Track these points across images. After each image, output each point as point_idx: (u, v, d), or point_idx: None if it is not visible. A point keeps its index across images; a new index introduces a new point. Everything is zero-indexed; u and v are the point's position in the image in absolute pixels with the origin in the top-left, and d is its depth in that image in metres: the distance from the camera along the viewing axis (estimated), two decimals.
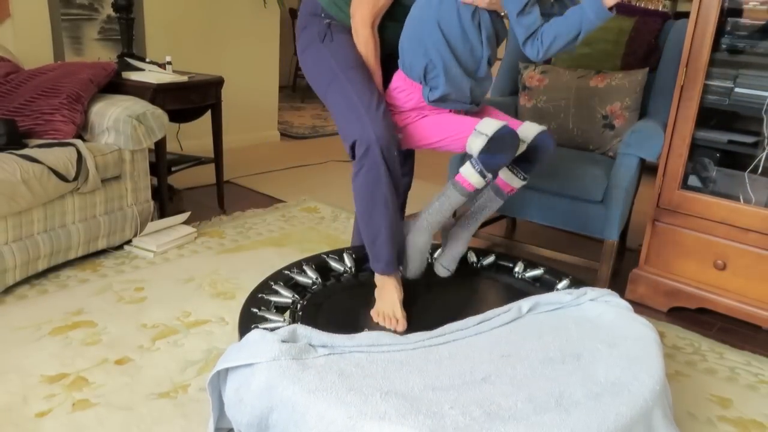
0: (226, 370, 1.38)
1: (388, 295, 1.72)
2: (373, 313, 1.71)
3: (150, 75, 2.71)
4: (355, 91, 1.67)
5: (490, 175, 1.63)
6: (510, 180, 1.77)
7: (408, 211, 2.20)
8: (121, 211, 2.45)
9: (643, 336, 1.54)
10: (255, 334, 1.42)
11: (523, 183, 1.78)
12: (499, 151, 1.59)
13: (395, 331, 1.61)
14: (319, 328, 1.49)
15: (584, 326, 1.62)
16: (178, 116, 2.90)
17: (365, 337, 1.47)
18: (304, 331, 1.44)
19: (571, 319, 1.64)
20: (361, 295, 1.90)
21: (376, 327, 1.66)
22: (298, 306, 1.78)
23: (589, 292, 1.74)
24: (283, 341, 1.37)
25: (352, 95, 1.66)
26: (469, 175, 1.64)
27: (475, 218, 1.85)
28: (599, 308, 1.68)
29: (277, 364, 1.31)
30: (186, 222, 2.70)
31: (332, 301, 1.85)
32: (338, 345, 1.42)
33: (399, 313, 1.67)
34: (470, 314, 1.66)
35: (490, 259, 2.07)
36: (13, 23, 3.00)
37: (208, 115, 2.97)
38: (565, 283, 1.96)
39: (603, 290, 1.79)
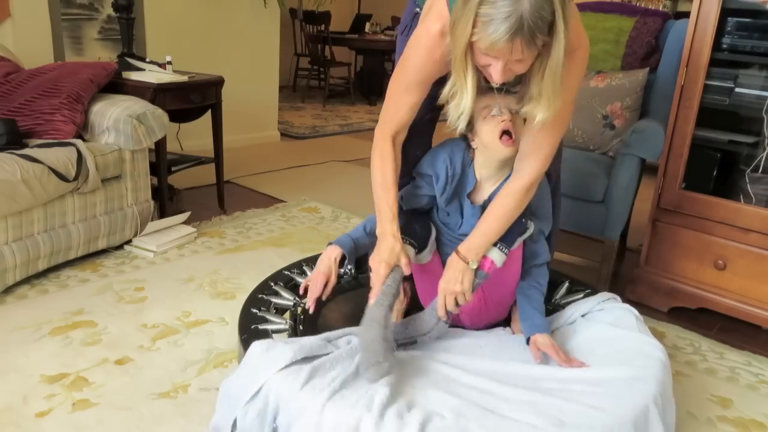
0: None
1: None
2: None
3: (150, 75, 2.71)
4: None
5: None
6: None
7: None
8: (121, 210, 2.45)
9: (635, 351, 1.51)
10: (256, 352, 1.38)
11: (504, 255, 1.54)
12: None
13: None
14: (319, 331, 1.49)
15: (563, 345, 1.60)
16: (178, 116, 2.90)
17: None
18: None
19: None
20: (361, 297, 1.89)
21: None
22: (299, 309, 1.78)
23: (581, 307, 1.72)
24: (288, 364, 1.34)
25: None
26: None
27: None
28: (584, 325, 1.67)
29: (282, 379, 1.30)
30: (186, 222, 2.70)
31: (332, 303, 1.85)
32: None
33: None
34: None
35: None
36: (13, 23, 3.00)
37: (208, 115, 2.97)
38: (563, 289, 1.95)
39: (603, 294, 1.78)
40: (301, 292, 1.64)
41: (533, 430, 1.20)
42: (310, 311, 1.61)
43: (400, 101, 1.49)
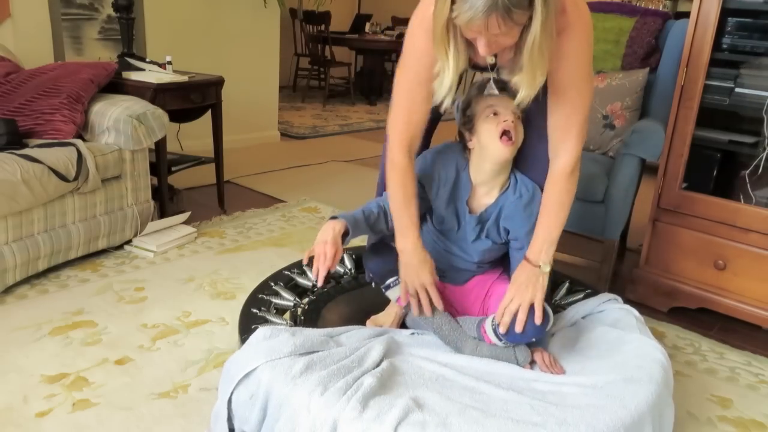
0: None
1: (390, 308, 1.74)
2: (369, 320, 1.72)
3: (150, 75, 2.71)
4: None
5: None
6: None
7: None
8: (121, 210, 2.45)
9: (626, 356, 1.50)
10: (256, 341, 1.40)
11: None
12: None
13: None
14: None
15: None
16: (178, 116, 2.90)
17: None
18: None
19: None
20: (362, 296, 1.89)
21: None
22: (299, 309, 1.78)
23: (582, 308, 1.72)
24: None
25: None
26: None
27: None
28: (585, 327, 1.66)
29: (272, 367, 1.31)
30: (186, 222, 2.70)
31: (332, 303, 1.85)
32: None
33: (390, 326, 1.67)
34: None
35: None
36: (13, 23, 3.00)
37: (208, 115, 2.97)
38: (564, 290, 1.95)
39: (604, 295, 1.78)
40: (305, 261, 1.44)
41: (516, 426, 1.20)
42: (319, 284, 1.44)
43: (413, 95, 1.44)
